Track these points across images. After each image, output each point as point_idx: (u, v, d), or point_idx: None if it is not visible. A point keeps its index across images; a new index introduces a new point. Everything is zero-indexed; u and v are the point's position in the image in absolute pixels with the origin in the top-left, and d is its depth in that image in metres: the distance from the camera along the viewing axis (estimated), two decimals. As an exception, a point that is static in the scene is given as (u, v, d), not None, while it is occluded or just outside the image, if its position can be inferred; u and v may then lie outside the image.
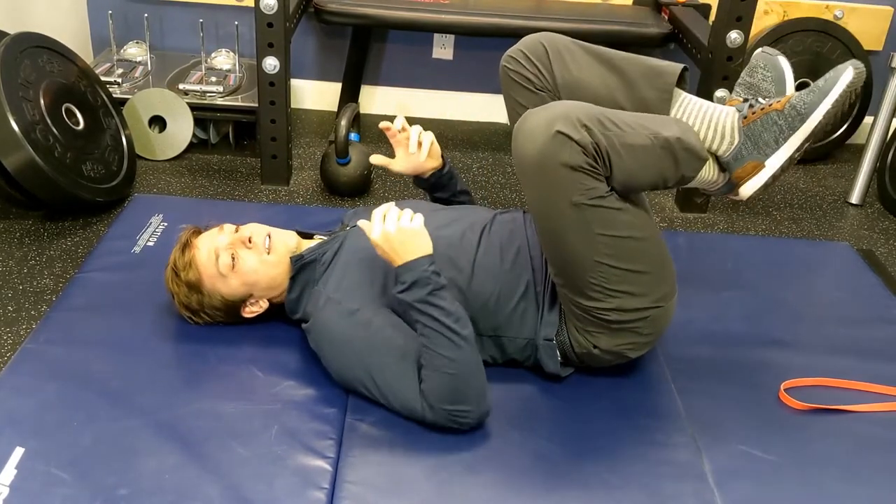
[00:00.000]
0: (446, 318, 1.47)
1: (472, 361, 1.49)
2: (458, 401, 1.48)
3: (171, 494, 1.37)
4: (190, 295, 1.68)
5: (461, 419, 1.50)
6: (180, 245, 1.69)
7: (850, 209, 2.74)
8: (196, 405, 1.55)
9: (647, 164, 1.49)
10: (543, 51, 1.66)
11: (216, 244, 1.66)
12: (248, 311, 1.72)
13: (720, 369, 1.77)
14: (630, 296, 1.55)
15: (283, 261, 1.68)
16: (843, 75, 1.49)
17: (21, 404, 1.52)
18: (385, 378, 1.53)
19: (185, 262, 1.66)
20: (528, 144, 1.44)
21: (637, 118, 1.51)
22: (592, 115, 1.44)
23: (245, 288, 1.67)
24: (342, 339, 1.56)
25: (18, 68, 2.17)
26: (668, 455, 1.53)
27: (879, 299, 2.07)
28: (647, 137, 1.48)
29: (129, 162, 2.46)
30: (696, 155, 1.54)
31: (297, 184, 2.60)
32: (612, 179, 1.48)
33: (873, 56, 3.06)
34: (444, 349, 1.46)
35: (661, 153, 1.49)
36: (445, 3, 2.79)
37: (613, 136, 1.45)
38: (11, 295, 1.96)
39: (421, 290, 1.47)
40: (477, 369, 1.50)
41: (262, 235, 1.67)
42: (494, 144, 2.98)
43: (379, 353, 1.53)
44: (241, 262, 1.64)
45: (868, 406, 1.70)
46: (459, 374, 1.47)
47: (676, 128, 1.53)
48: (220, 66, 2.91)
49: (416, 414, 1.51)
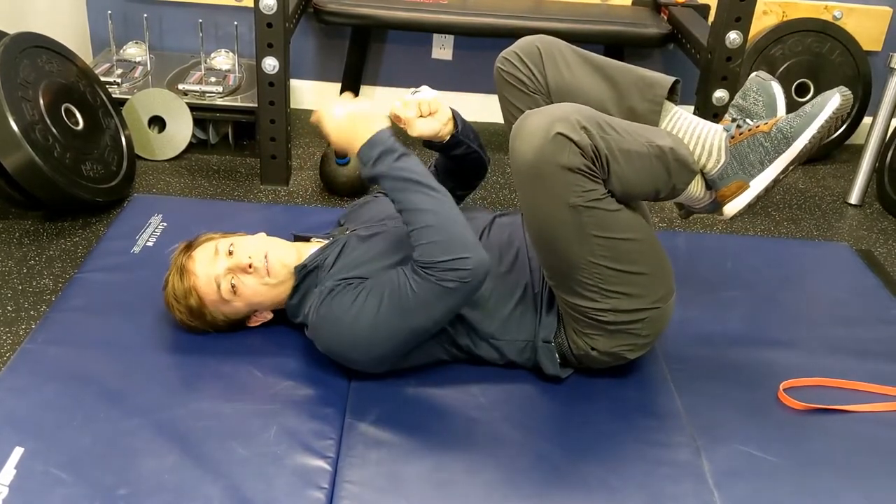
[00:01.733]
0: (419, 177, 1.51)
1: (454, 212, 1.51)
2: (452, 249, 1.46)
3: (171, 494, 1.37)
4: (193, 319, 1.68)
5: (462, 268, 1.46)
6: (176, 270, 1.66)
7: (849, 209, 2.74)
8: (195, 405, 1.55)
9: (641, 172, 1.49)
10: (538, 53, 1.67)
11: (215, 272, 1.63)
12: (254, 322, 1.73)
13: (719, 369, 1.77)
14: (626, 297, 1.55)
15: (284, 279, 1.67)
16: (829, 101, 1.51)
17: (20, 404, 1.52)
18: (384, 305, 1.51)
19: (184, 289, 1.64)
20: (526, 145, 1.43)
21: (632, 126, 1.52)
22: (592, 118, 1.45)
23: (249, 308, 1.68)
24: (343, 309, 1.55)
25: (18, 68, 2.17)
26: (667, 455, 1.53)
27: (878, 300, 2.07)
28: (643, 145, 1.49)
29: (128, 162, 2.46)
30: (688, 167, 1.55)
31: (296, 184, 2.60)
32: (609, 184, 1.48)
33: (872, 56, 3.07)
34: (424, 203, 1.49)
35: (656, 162, 1.50)
36: (445, 4, 2.79)
37: (612, 140, 1.45)
38: (10, 295, 1.96)
39: (388, 158, 1.53)
40: (460, 219, 1.50)
41: (261, 258, 1.63)
42: (493, 145, 2.98)
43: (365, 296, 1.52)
44: (242, 288, 1.63)
45: (867, 406, 1.70)
46: (445, 222, 1.48)
47: (669, 139, 1.54)
48: (220, 67, 2.91)
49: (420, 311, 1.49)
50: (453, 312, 1.54)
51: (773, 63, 2.94)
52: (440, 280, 1.47)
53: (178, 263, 1.66)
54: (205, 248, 1.67)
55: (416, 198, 1.49)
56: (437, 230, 1.47)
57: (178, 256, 1.68)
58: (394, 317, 1.51)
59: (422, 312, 1.50)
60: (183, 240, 1.73)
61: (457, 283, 1.47)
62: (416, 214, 1.49)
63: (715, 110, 2.45)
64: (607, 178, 1.47)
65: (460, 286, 1.47)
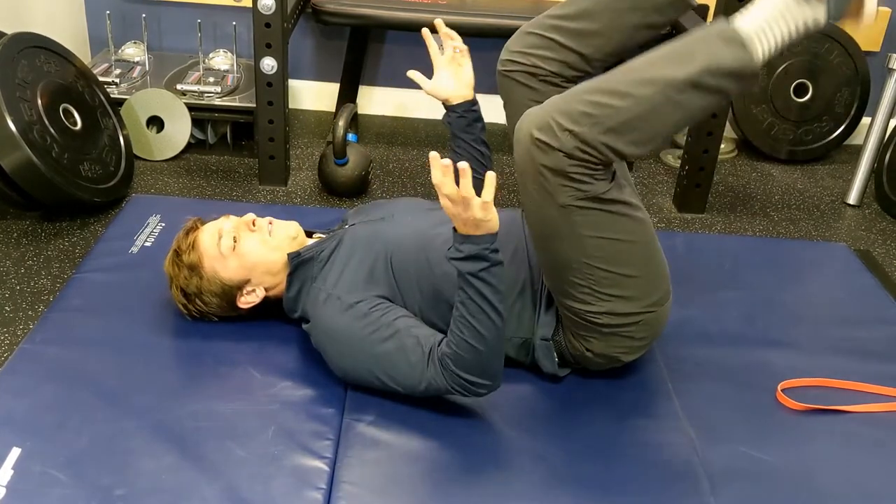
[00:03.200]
0: (493, 295, 1.42)
1: (502, 342, 1.48)
2: (480, 374, 1.46)
3: (168, 495, 1.36)
4: (189, 278, 1.68)
5: (474, 389, 1.48)
6: (185, 229, 1.71)
7: (847, 210, 2.74)
8: (193, 406, 1.55)
9: (665, 119, 1.40)
10: (532, 35, 1.67)
11: (220, 226, 1.68)
12: (244, 301, 1.71)
13: (718, 370, 1.77)
14: (621, 299, 1.54)
15: (283, 247, 1.68)
16: None
17: (18, 405, 1.52)
18: (392, 362, 1.51)
19: (188, 243, 1.67)
20: (516, 148, 1.45)
21: (645, 68, 1.40)
22: (575, 112, 1.39)
23: (244, 271, 1.67)
24: (344, 334, 1.55)
25: (16, 68, 2.17)
26: (665, 455, 1.53)
27: (877, 300, 2.07)
28: (655, 95, 1.37)
29: (126, 162, 2.46)
30: (740, 72, 1.37)
31: (294, 184, 2.60)
32: (627, 157, 1.43)
33: (871, 57, 3.07)
34: (481, 325, 1.42)
35: (685, 97, 1.37)
36: (443, 4, 2.79)
37: (605, 118, 1.38)
38: (8, 295, 1.96)
39: (475, 265, 1.39)
40: (502, 348, 1.49)
41: (265, 221, 1.72)
42: (492, 145, 2.96)
43: (381, 339, 1.52)
44: (242, 244, 1.66)
45: (865, 406, 1.70)
46: (490, 351, 1.45)
47: (704, 53, 1.37)
48: (218, 67, 2.90)
49: (420, 387, 1.50)
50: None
51: (772, 64, 2.94)
52: (453, 385, 1.47)
53: (188, 225, 1.72)
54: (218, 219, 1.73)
55: (479, 315, 1.42)
56: (482, 355, 1.45)
57: (190, 221, 1.74)
58: (392, 366, 1.51)
59: (415, 383, 1.50)
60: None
61: (462, 394, 1.50)
62: (467, 328, 1.43)
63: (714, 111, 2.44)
64: (623, 156, 1.42)
65: (462, 395, 1.50)
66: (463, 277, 1.42)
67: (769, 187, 2.84)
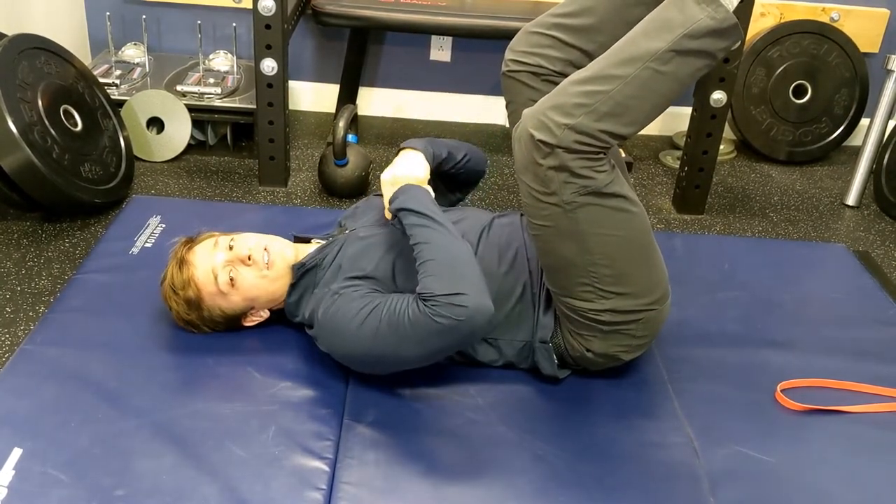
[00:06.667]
0: (437, 215, 1.53)
1: (465, 254, 1.49)
2: (451, 285, 1.43)
3: (168, 495, 1.37)
4: (190, 311, 1.67)
5: (458, 304, 1.41)
6: (176, 262, 1.66)
7: (846, 211, 2.74)
8: (193, 406, 1.55)
9: (657, 92, 1.40)
10: (536, 35, 1.67)
11: (213, 263, 1.63)
12: (250, 321, 1.72)
13: (717, 370, 1.77)
14: (623, 297, 1.55)
15: (283, 274, 1.67)
16: None
17: (18, 405, 1.52)
18: (389, 323, 1.48)
19: (182, 280, 1.63)
20: (516, 149, 1.47)
21: (626, 47, 1.41)
22: (568, 105, 1.41)
23: (246, 303, 1.67)
24: (345, 320, 1.54)
25: (16, 70, 2.18)
26: (664, 456, 1.54)
27: (875, 301, 2.08)
28: (641, 71, 1.38)
29: (126, 163, 2.46)
30: (719, 28, 1.37)
31: (294, 185, 2.60)
32: (627, 138, 1.45)
33: (869, 58, 3.07)
34: (435, 238, 1.49)
35: (671, 67, 1.38)
36: (443, 5, 2.79)
37: (598, 105, 1.39)
38: (9, 296, 1.96)
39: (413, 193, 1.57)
40: (470, 262, 1.49)
41: (260, 251, 1.64)
42: (492, 146, 2.98)
43: (370, 309, 1.50)
44: (240, 280, 1.63)
45: (864, 407, 1.70)
46: (452, 259, 1.47)
47: (679, 19, 1.37)
48: (218, 68, 2.91)
49: (417, 336, 1.45)
50: (445, 353, 1.53)
51: (771, 64, 2.95)
52: (434, 315, 1.42)
53: (178, 255, 1.66)
54: (205, 243, 1.67)
55: (428, 233, 1.48)
56: (439, 264, 1.46)
57: (178, 249, 1.68)
58: (388, 341, 1.49)
59: (414, 344, 1.47)
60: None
61: (450, 320, 1.42)
62: (424, 247, 1.48)
63: (713, 112, 2.45)
64: (614, 144, 1.43)
65: (454, 325, 1.42)
66: (408, 214, 1.54)
67: (768, 188, 2.85)
